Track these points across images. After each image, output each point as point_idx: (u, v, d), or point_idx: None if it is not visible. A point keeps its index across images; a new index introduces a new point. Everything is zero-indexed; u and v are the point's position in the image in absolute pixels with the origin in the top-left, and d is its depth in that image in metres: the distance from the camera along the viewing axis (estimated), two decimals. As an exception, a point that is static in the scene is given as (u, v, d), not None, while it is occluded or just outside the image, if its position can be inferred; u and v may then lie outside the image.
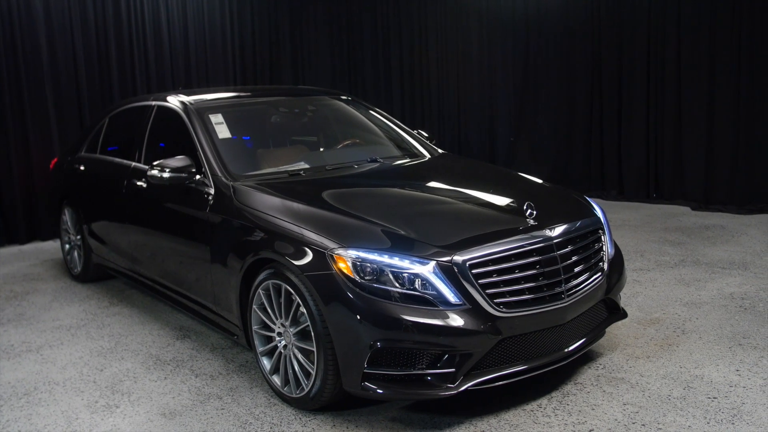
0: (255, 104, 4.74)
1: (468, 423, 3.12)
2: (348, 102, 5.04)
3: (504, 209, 3.49)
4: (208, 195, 3.81)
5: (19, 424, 3.31)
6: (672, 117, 7.67)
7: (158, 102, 4.70)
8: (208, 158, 3.93)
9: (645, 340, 3.95)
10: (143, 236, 4.53)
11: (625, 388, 3.38)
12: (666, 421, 3.06)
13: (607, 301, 3.57)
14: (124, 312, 4.87)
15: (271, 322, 3.38)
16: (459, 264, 2.97)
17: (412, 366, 2.96)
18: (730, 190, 7.25)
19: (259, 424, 3.19)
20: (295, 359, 3.25)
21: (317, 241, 3.10)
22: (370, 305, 2.92)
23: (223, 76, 8.55)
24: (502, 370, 3.05)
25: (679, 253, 5.72)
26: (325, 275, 3.01)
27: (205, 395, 3.51)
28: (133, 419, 3.30)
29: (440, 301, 2.94)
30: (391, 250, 3.01)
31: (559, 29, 8.56)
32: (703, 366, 3.59)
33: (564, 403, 3.27)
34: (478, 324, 2.95)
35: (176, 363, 3.94)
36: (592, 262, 3.46)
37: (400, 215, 3.31)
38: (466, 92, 9.56)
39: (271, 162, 4.17)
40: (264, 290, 3.36)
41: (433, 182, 3.97)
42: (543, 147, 8.93)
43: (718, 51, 7.23)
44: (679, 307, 4.45)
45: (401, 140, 4.73)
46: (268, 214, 3.40)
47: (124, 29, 7.70)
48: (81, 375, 3.83)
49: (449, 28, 9.59)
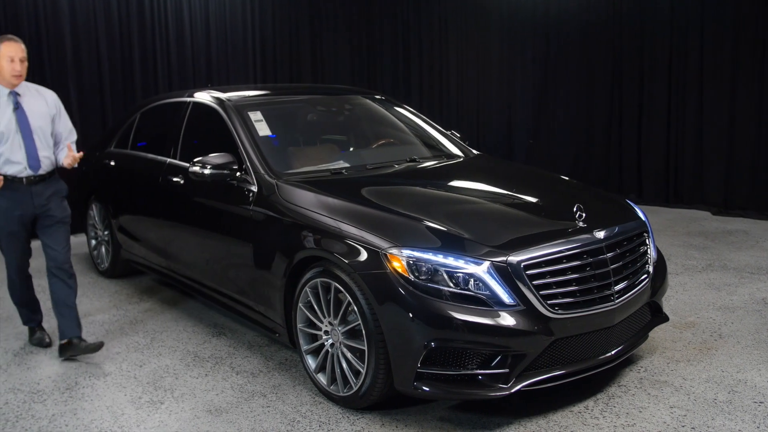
0: (293, 102, 4.75)
1: (517, 424, 3.13)
2: (381, 101, 5.04)
3: (552, 211, 3.50)
4: (249, 192, 3.81)
5: (65, 418, 3.30)
6: (693, 121, 7.68)
7: (194, 98, 4.69)
8: (249, 155, 3.93)
9: (683, 343, 3.96)
10: (178, 233, 4.53)
11: (670, 391, 3.39)
12: (715, 425, 3.07)
13: (651, 304, 3.58)
14: (155, 308, 4.87)
15: (318, 321, 3.38)
16: (513, 264, 2.98)
17: (464, 366, 2.96)
18: (751, 195, 7.26)
19: (307, 422, 3.19)
20: (343, 358, 3.25)
21: (371, 240, 3.10)
22: (425, 304, 2.92)
23: (244, 73, 8.55)
24: (553, 372, 3.06)
25: (706, 257, 5.73)
26: (378, 274, 3.01)
27: (249, 393, 3.51)
28: (179, 416, 3.30)
29: (494, 302, 2.94)
30: (444, 249, 3.01)
31: (580, 30, 8.56)
32: (745, 370, 3.60)
33: (610, 405, 3.27)
34: (532, 325, 2.95)
35: (215, 360, 3.94)
36: (639, 265, 3.47)
37: (449, 215, 3.31)
38: (485, 93, 9.57)
39: (308, 160, 4.17)
40: (311, 288, 3.36)
41: (475, 183, 3.98)
42: (561, 149, 8.93)
43: (740, 54, 7.23)
44: (713, 312, 4.46)
45: (436, 141, 4.73)
46: (317, 212, 3.40)
47: (147, 26, 7.70)
48: (121, 370, 3.83)
49: (469, 28, 9.59)
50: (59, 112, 4.02)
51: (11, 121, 3.79)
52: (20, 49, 3.78)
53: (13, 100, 3.82)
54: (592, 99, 8.57)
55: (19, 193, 3.84)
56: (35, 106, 3.89)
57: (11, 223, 3.88)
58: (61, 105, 4.06)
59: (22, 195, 3.85)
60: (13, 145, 3.79)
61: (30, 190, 3.87)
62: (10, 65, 3.74)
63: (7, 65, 3.73)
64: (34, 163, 3.85)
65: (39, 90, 3.99)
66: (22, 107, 3.83)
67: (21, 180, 3.83)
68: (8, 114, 3.79)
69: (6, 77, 3.76)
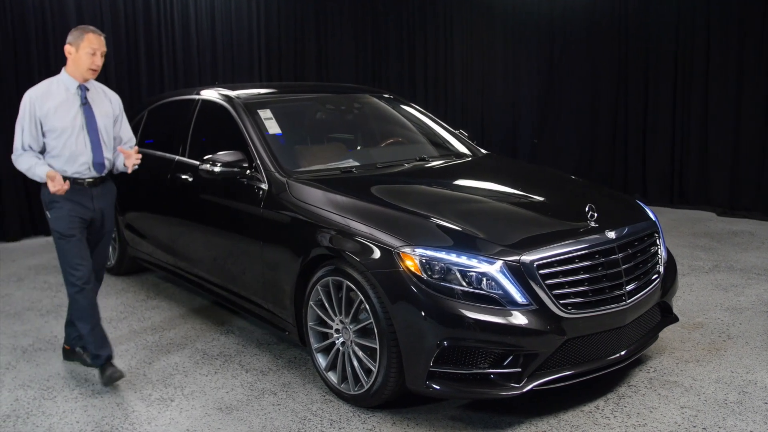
0: (302, 100, 4.74)
1: (528, 423, 3.13)
2: (390, 100, 5.04)
3: (564, 210, 3.50)
4: (260, 190, 3.81)
5: (76, 414, 3.30)
6: (698, 121, 7.68)
7: (202, 96, 4.69)
8: (260, 153, 3.92)
9: (692, 344, 3.96)
10: (187, 230, 4.53)
11: (680, 391, 3.39)
12: (727, 425, 3.07)
13: (661, 304, 3.58)
14: (162, 305, 4.87)
15: (329, 319, 3.38)
16: (527, 264, 2.98)
17: (477, 365, 2.96)
18: (756, 196, 7.27)
19: (318, 420, 3.19)
20: (354, 356, 3.25)
21: (383, 238, 3.10)
22: (438, 303, 2.92)
23: (249, 71, 8.54)
24: (564, 371, 3.06)
25: (712, 258, 5.73)
26: (391, 273, 3.01)
27: (259, 390, 3.51)
28: (190, 413, 3.30)
29: (507, 301, 2.95)
30: (457, 248, 3.01)
31: (585, 30, 8.56)
32: (755, 371, 3.60)
33: (621, 405, 3.27)
34: (545, 324, 2.95)
35: (224, 358, 3.94)
36: (650, 265, 3.47)
37: (461, 214, 3.31)
38: (490, 92, 9.57)
39: (318, 159, 4.17)
40: (323, 287, 3.36)
41: (486, 182, 3.98)
42: (566, 149, 8.93)
43: (746, 55, 7.24)
44: (721, 312, 4.46)
45: (445, 140, 4.73)
46: (329, 211, 3.40)
47: (153, 24, 7.70)
48: (130, 368, 3.83)
49: (474, 28, 9.59)
50: (122, 114, 3.77)
51: (78, 116, 3.50)
52: (103, 43, 3.53)
53: (81, 94, 3.53)
54: (597, 99, 8.58)
55: (79, 195, 3.50)
56: (101, 105, 3.62)
57: (74, 228, 3.50)
58: (123, 109, 3.81)
59: (82, 197, 3.52)
60: (77, 142, 3.49)
61: (91, 192, 3.56)
62: (91, 58, 3.48)
63: (87, 58, 3.47)
64: (98, 164, 3.56)
65: (104, 89, 3.74)
66: (89, 103, 3.56)
67: (82, 182, 3.51)
68: (75, 108, 3.51)
69: (82, 70, 3.49)
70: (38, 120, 3.45)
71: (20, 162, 3.48)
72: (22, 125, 3.47)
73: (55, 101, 3.48)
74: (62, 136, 3.46)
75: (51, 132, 3.46)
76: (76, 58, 3.49)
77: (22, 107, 3.47)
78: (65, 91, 3.51)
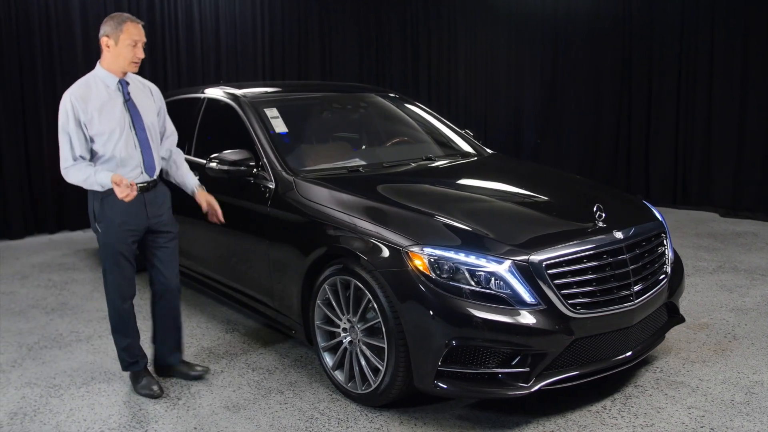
0: (307, 99, 4.74)
1: (535, 423, 3.13)
2: (395, 99, 5.04)
3: (571, 210, 3.50)
4: (267, 189, 3.81)
5: (83, 412, 3.30)
6: (701, 122, 7.69)
7: (208, 95, 4.69)
8: (266, 152, 3.92)
9: (698, 344, 3.97)
10: (192, 229, 4.52)
11: (687, 391, 3.39)
12: (734, 426, 3.07)
13: (668, 304, 3.58)
14: (167, 304, 4.86)
15: (337, 318, 3.38)
16: (535, 263, 2.98)
17: (485, 364, 2.96)
18: (759, 197, 7.27)
19: (326, 420, 3.19)
20: (362, 355, 3.25)
21: (391, 237, 3.10)
22: (446, 303, 2.92)
23: (252, 69, 8.55)
24: (572, 371, 3.06)
25: (716, 259, 5.73)
26: (399, 272, 3.01)
27: (266, 389, 3.51)
28: (197, 411, 3.30)
29: (515, 301, 2.95)
30: (466, 248, 3.01)
31: (588, 30, 8.57)
32: (761, 372, 3.60)
33: (628, 405, 3.27)
34: (553, 324, 2.95)
35: (230, 356, 3.94)
36: (657, 265, 3.47)
37: (469, 213, 3.31)
38: (493, 92, 9.58)
39: (324, 158, 4.17)
40: (330, 286, 3.36)
41: (493, 182, 3.98)
42: (569, 150, 8.94)
43: (750, 57, 7.24)
44: (726, 313, 4.47)
45: (450, 139, 4.73)
46: (336, 209, 3.40)
47: (157, 23, 7.70)
48: (136, 366, 3.82)
49: (478, 28, 9.60)
50: (164, 106, 3.45)
51: (124, 116, 3.17)
52: (143, 33, 3.21)
53: (123, 90, 3.21)
54: (601, 99, 8.58)
55: (131, 203, 3.13)
56: (143, 100, 3.29)
57: (123, 242, 3.22)
58: (163, 99, 3.48)
59: (133, 205, 3.16)
60: (127, 144, 3.16)
61: (143, 198, 3.23)
62: (133, 51, 3.16)
63: (129, 51, 3.15)
64: (150, 166, 3.25)
65: (142, 81, 3.39)
66: (132, 99, 3.23)
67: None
68: (119, 107, 3.17)
69: (123, 64, 3.17)
70: (83, 125, 3.11)
71: (72, 174, 3.13)
72: (68, 133, 3.11)
73: (98, 102, 3.14)
74: (111, 139, 3.14)
75: (98, 137, 3.13)
76: (116, 52, 3.15)
77: (63, 112, 3.12)
78: (105, 89, 3.18)
